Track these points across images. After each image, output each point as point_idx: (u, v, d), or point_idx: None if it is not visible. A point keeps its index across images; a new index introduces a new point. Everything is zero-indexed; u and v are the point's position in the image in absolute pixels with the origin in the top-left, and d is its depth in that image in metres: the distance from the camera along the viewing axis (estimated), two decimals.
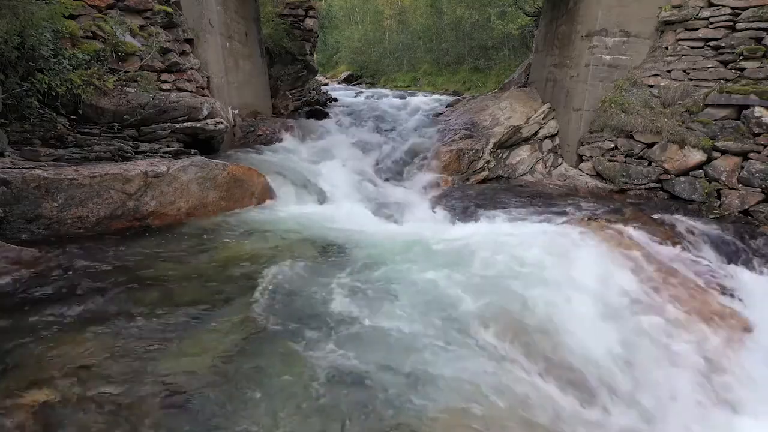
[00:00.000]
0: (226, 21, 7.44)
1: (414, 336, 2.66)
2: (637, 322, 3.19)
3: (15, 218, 3.37)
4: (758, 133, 5.23)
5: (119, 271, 3.06)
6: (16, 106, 4.04)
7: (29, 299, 2.62)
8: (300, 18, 11.00)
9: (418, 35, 27.25)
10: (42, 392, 1.95)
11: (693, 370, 2.94)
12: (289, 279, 3.15)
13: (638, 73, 6.43)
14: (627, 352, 2.92)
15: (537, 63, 9.30)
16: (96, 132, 4.68)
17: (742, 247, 4.59)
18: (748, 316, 3.50)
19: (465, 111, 8.68)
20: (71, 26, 4.63)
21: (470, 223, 5.05)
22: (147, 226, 3.93)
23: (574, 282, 3.44)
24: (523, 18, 16.97)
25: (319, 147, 7.59)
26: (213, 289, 2.95)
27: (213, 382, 2.13)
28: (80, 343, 2.29)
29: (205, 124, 5.53)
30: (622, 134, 6.28)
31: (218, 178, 4.49)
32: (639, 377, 2.77)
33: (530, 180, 7.10)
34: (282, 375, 2.24)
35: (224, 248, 3.65)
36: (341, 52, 33.80)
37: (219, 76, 6.96)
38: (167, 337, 2.42)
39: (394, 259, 3.57)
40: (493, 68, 20.88)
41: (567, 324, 2.96)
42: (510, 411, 2.22)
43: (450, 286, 3.18)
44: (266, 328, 2.59)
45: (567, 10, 7.53)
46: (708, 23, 5.94)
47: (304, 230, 4.18)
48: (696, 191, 5.58)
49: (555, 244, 3.99)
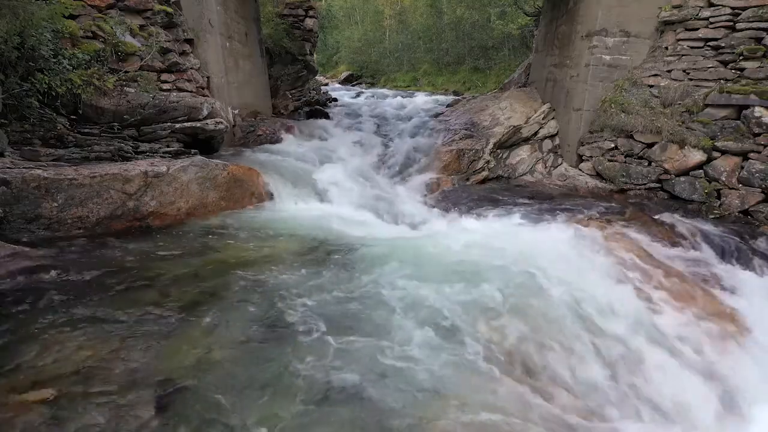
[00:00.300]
0: (226, 21, 7.44)
1: (414, 336, 2.66)
2: (637, 322, 3.19)
3: (15, 218, 3.37)
4: (758, 133, 5.23)
5: (119, 271, 3.06)
6: (16, 106, 4.04)
7: (29, 299, 2.62)
8: (300, 18, 11.00)
9: (418, 35, 27.24)
10: (42, 392, 1.95)
11: (693, 370, 2.94)
12: (289, 279, 3.15)
13: (638, 73, 6.43)
14: (627, 351, 2.92)
15: (537, 63, 9.30)
16: (96, 132, 4.68)
17: (742, 247, 4.59)
18: (748, 316, 3.50)
19: (465, 111, 8.68)
20: (71, 26, 4.63)
21: (470, 223, 5.05)
22: (147, 226, 3.93)
23: (574, 282, 3.44)
24: (523, 18, 16.97)
25: (319, 147, 7.59)
26: (213, 290, 2.94)
27: (213, 382, 2.13)
28: (80, 343, 2.29)
29: (205, 124, 5.53)
30: (622, 134, 6.28)
31: (218, 178, 4.49)
32: (639, 377, 2.77)
33: (530, 180, 7.10)
34: (281, 376, 2.24)
35: (224, 248, 3.65)
36: (341, 52, 33.79)
37: (219, 76, 6.96)
38: (167, 337, 2.42)
39: (393, 260, 3.57)
40: (493, 68, 20.87)
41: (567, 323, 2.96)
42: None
43: (450, 287, 3.17)
44: (266, 328, 2.59)
45: (567, 10, 7.53)
46: (708, 23, 5.94)
47: (303, 230, 4.18)
48: (696, 191, 5.58)
49: (555, 244, 3.99)
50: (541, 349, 2.74)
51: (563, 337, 2.87)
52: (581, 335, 2.93)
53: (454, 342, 2.64)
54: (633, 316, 3.23)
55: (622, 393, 2.63)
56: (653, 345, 3.04)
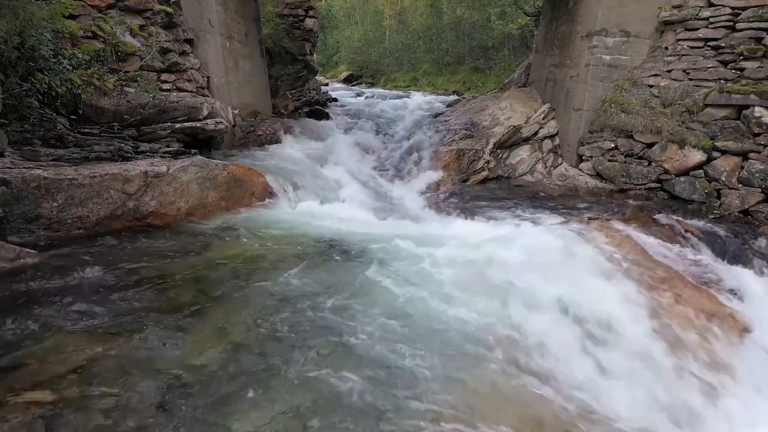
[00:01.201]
0: (226, 21, 7.44)
1: (411, 338, 2.66)
2: (637, 322, 3.18)
3: (15, 218, 3.37)
4: (758, 133, 5.23)
5: (119, 270, 3.06)
6: (16, 106, 4.04)
7: (29, 299, 2.62)
8: (300, 18, 11.00)
9: (418, 35, 27.25)
10: (43, 392, 1.95)
11: (692, 370, 2.94)
12: (288, 280, 3.15)
13: (638, 73, 6.43)
14: (626, 351, 2.92)
15: (537, 63, 9.30)
16: (96, 132, 4.68)
17: (742, 247, 4.59)
18: (748, 316, 3.50)
19: (465, 111, 8.69)
20: (71, 26, 4.63)
21: (469, 223, 5.04)
22: (147, 226, 3.93)
23: (573, 282, 3.43)
24: (523, 18, 16.97)
25: (319, 147, 7.59)
26: (212, 290, 2.95)
27: (213, 382, 2.13)
28: (80, 343, 2.29)
29: (205, 124, 5.53)
30: (622, 134, 6.29)
31: (218, 178, 4.49)
32: (638, 377, 2.77)
33: (530, 180, 7.10)
34: (279, 376, 2.24)
35: (224, 248, 3.65)
36: (341, 52, 33.79)
37: (219, 76, 6.96)
38: (166, 336, 2.42)
39: (393, 260, 3.57)
40: (493, 68, 20.87)
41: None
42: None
43: (448, 288, 3.17)
44: (266, 328, 2.59)
45: (567, 10, 7.53)
46: (708, 23, 5.94)
47: (303, 230, 4.18)
48: (696, 191, 5.58)
49: (555, 244, 3.98)
50: (536, 361, 2.73)
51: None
52: (581, 335, 2.93)
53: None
54: (630, 316, 3.22)
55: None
56: (651, 344, 3.04)
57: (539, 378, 2.53)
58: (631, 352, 2.92)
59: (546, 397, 2.39)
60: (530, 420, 2.21)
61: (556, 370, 2.63)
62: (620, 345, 2.95)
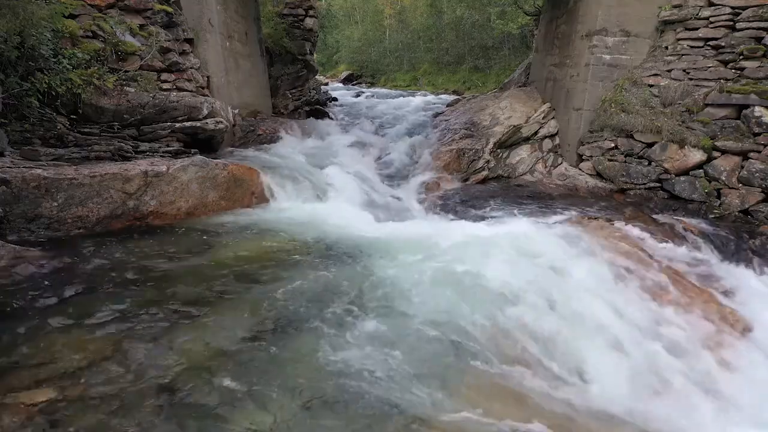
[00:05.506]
0: (226, 20, 7.43)
1: (413, 336, 2.66)
2: (637, 322, 3.19)
3: (15, 218, 3.37)
4: (758, 133, 5.23)
5: (119, 270, 3.06)
6: (16, 106, 4.04)
7: (29, 299, 2.62)
8: (300, 17, 11.00)
9: (418, 35, 27.25)
10: (43, 392, 1.95)
11: (692, 370, 2.94)
12: (288, 280, 3.14)
13: (638, 72, 6.43)
14: (626, 351, 2.92)
15: (537, 62, 9.30)
16: (96, 131, 4.68)
17: (742, 247, 4.59)
18: (748, 316, 3.50)
19: (465, 111, 8.68)
20: (71, 26, 4.63)
21: (469, 223, 5.04)
22: (147, 225, 3.93)
23: (573, 282, 3.44)
24: (523, 17, 16.95)
25: (319, 147, 7.59)
26: (212, 289, 2.95)
27: (213, 382, 2.13)
28: (80, 342, 2.29)
29: (205, 124, 5.53)
30: (622, 134, 6.28)
31: (218, 177, 4.49)
32: (638, 377, 2.77)
33: (530, 179, 7.09)
34: (279, 376, 2.24)
35: (224, 248, 3.65)
36: (341, 51, 33.79)
37: (219, 75, 6.96)
38: (166, 336, 2.42)
39: (392, 260, 3.57)
40: (493, 68, 20.88)
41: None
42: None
43: (447, 288, 3.17)
44: (266, 328, 2.59)
45: (567, 9, 7.52)
46: (708, 23, 5.94)
47: (303, 230, 4.18)
48: (696, 191, 5.58)
49: (554, 244, 3.99)
50: (536, 357, 2.74)
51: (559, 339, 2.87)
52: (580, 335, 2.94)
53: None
54: (630, 316, 3.23)
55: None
56: (651, 344, 3.04)
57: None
58: (632, 353, 2.93)
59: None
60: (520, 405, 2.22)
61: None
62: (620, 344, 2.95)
